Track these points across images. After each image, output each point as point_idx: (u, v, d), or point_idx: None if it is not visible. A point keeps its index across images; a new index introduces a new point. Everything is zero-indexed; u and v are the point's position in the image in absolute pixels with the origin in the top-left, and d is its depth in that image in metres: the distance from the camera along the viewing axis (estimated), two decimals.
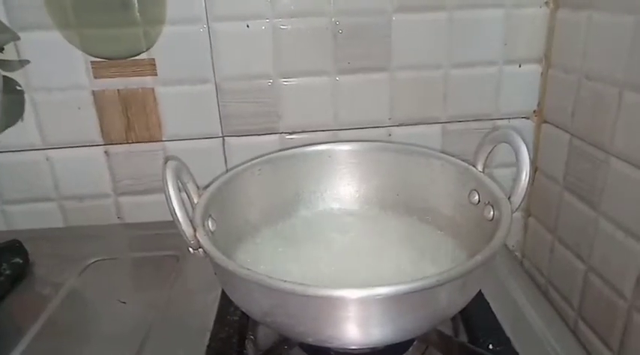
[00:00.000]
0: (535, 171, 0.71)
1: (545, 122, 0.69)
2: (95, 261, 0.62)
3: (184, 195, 0.44)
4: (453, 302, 0.37)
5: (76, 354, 0.48)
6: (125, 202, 0.72)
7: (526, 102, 0.70)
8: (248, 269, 0.35)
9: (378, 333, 0.36)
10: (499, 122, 0.70)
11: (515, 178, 0.43)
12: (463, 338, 0.46)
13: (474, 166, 0.48)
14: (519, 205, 0.43)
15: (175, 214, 0.39)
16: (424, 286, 0.33)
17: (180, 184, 0.44)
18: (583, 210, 0.60)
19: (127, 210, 0.72)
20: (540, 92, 0.69)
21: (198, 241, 0.40)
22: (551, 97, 0.68)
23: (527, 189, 0.42)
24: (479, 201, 0.47)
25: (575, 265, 0.62)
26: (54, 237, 0.69)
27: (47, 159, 0.69)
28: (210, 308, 0.51)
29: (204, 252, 0.39)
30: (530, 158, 0.43)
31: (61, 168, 0.70)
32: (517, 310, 0.51)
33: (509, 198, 0.43)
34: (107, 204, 0.72)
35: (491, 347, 0.43)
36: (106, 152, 0.69)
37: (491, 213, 0.44)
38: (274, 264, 0.46)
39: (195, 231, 0.40)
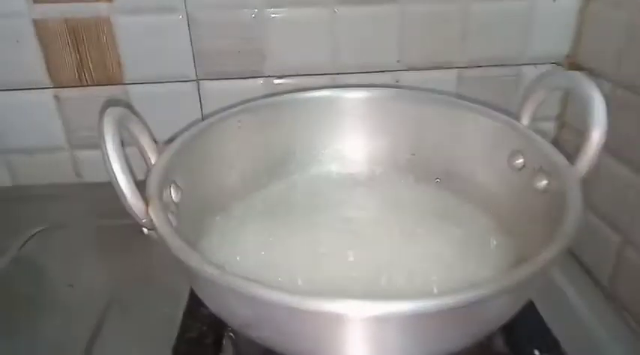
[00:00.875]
0: (562, 128, 0.59)
1: (580, 68, 0.56)
2: (43, 230, 0.49)
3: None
4: (498, 316, 0.25)
5: (15, 337, 0.37)
6: (84, 157, 0.58)
7: (558, 44, 0.56)
8: (219, 268, 0.23)
9: None
10: (524, 68, 0.57)
11: (585, 137, 0.30)
12: (499, 341, 0.35)
13: (516, 120, 0.36)
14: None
15: (118, 183, 0.27)
16: (466, 301, 0.21)
17: (131, 137, 0.31)
18: (624, 174, 0.49)
19: (86, 166, 0.59)
20: (576, 33, 0.56)
21: (151, 220, 0.27)
22: (589, 39, 0.55)
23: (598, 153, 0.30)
24: (524, 165, 0.34)
25: (610, 237, 0.52)
26: None
27: None
28: (180, 294, 0.39)
29: (159, 236, 0.27)
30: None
31: (3, 114, 0.55)
32: (565, 303, 0.41)
33: (572, 165, 0.31)
34: (62, 159, 0.58)
35: (537, 353, 0.32)
36: (55, 96, 0.55)
37: (545, 182, 0.32)
38: (258, 249, 0.33)
39: (147, 204, 0.28)
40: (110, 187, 0.53)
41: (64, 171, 0.59)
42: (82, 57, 0.53)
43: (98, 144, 0.56)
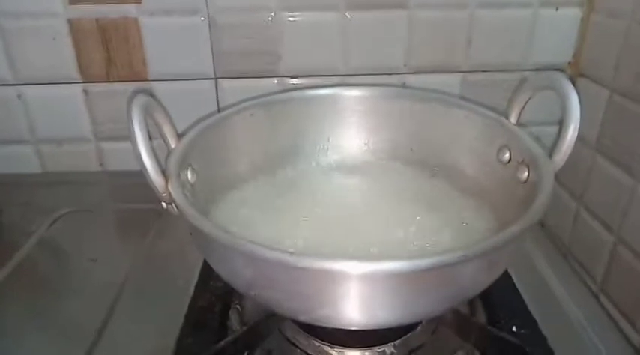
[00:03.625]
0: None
1: (582, 75, 0.59)
2: (68, 212, 0.54)
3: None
4: (477, 281, 0.29)
5: (41, 310, 0.41)
6: (108, 148, 0.64)
7: (560, 52, 0.60)
8: (226, 232, 0.28)
9: (384, 315, 0.29)
10: (527, 74, 0.61)
11: (560, 132, 0.34)
12: (480, 316, 0.39)
13: (505, 118, 0.40)
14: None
15: (142, 160, 0.31)
16: (446, 262, 0.26)
17: (155, 125, 0.36)
18: (618, 177, 0.52)
19: (109, 156, 0.64)
20: (578, 41, 0.59)
21: (170, 194, 0.32)
22: (590, 47, 0.58)
23: (572, 147, 0.34)
24: (510, 159, 0.38)
25: (602, 236, 0.55)
26: (28, 183, 0.61)
27: (19, 96, 0.60)
28: (191, 270, 0.44)
29: (177, 208, 0.31)
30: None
31: (35, 107, 0.61)
32: (543, 284, 0.44)
33: (550, 157, 0.34)
34: (88, 150, 0.64)
35: (514, 329, 0.36)
36: (84, 90, 0.61)
37: (526, 174, 0.36)
38: (264, 225, 0.38)
39: (167, 181, 0.32)
40: (130, 175, 0.59)
41: (89, 161, 0.64)
42: (110, 54, 0.59)
43: (122, 137, 0.62)
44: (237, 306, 0.40)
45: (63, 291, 0.44)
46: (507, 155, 0.39)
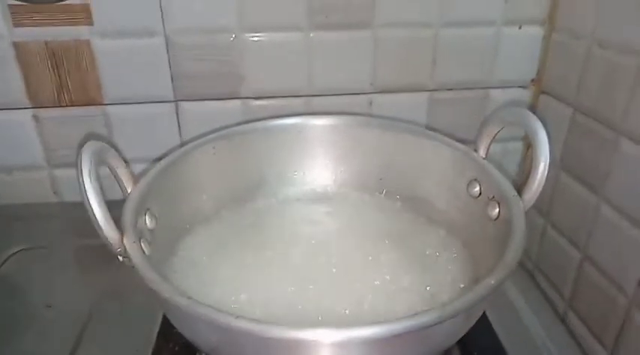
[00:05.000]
0: (528, 149, 0.63)
1: (544, 93, 0.60)
2: (21, 250, 0.50)
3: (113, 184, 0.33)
4: (454, 334, 0.28)
5: None
6: (62, 176, 0.60)
7: (524, 69, 0.60)
8: (189, 298, 0.25)
9: None
10: (492, 91, 0.61)
11: (531, 171, 0.33)
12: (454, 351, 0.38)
13: (475, 150, 0.39)
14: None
15: (94, 215, 0.29)
16: (423, 324, 0.24)
17: (109, 169, 0.33)
18: (582, 194, 0.53)
19: (64, 185, 0.60)
20: (541, 59, 0.59)
21: (126, 250, 0.29)
22: (553, 65, 0.58)
23: (543, 185, 0.33)
24: (480, 193, 0.37)
25: (569, 253, 0.55)
26: None
27: None
28: (155, 314, 0.41)
29: (133, 266, 0.29)
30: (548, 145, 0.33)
31: None
32: (512, 310, 0.44)
33: (519, 195, 0.34)
34: (41, 178, 0.60)
35: None
36: (34, 116, 0.57)
37: (497, 210, 0.35)
38: (229, 270, 0.35)
39: (122, 235, 0.30)
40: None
41: (43, 190, 0.60)
42: (61, 78, 0.55)
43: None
44: None
45: (16, 340, 0.40)
46: (477, 189, 0.38)
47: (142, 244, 0.31)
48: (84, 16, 0.52)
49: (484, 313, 0.41)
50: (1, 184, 0.59)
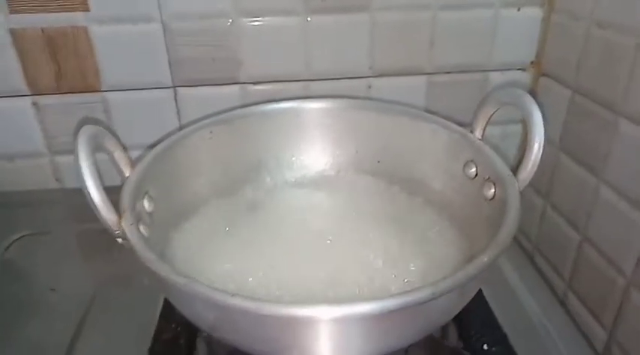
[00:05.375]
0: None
1: (544, 75, 0.59)
2: (25, 235, 0.51)
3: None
4: (449, 311, 0.29)
5: None
6: (63, 162, 0.60)
7: (523, 52, 0.60)
8: (186, 277, 0.26)
9: (354, 353, 0.28)
10: (491, 74, 0.61)
11: (525, 151, 0.33)
12: (452, 333, 0.38)
13: (471, 132, 0.39)
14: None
15: (91, 197, 0.29)
16: (417, 300, 0.25)
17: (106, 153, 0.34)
18: (582, 176, 0.53)
19: (66, 171, 0.61)
20: (540, 41, 0.59)
21: (125, 232, 0.30)
22: (552, 47, 0.58)
23: (538, 164, 0.33)
24: (476, 174, 0.38)
25: (569, 234, 0.55)
26: None
27: None
28: (156, 297, 0.42)
29: (131, 247, 0.29)
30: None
31: None
32: (510, 292, 0.44)
33: (515, 175, 0.34)
34: (42, 164, 0.60)
35: (486, 347, 0.36)
36: (34, 103, 0.57)
37: (492, 190, 0.35)
38: (227, 252, 0.36)
39: (120, 217, 0.30)
40: None
41: (44, 177, 0.61)
42: (59, 65, 0.55)
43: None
44: (205, 335, 0.38)
45: (22, 322, 0.41)
46: (474, 170, 0.38)
47: (141, 227, 0.31)
48: (80, 2, 0.52)
49: (482, 294, 0.42)
50: (3, 171, 0.60)
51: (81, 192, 0.59)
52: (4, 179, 0.60)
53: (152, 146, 0.56)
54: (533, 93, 0.60)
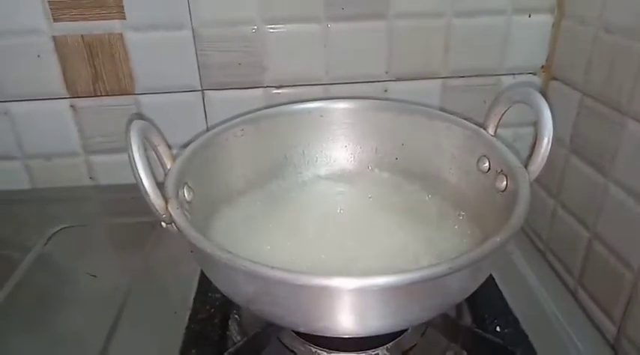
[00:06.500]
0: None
1: (554, 79, 0.62)
2: (64, 228, 0.55)
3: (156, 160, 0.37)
4: (464, 289, 0.32)
5: (44, 326, 0.43)
6: (97, 161, 0.65)
7: (534, 56, 0.63)
8: (228, 252, 0.29)
9: (377, 324, 0.31)
10: (503, 78, 0.64)
11: (535, 145, 0.36)
12: (466, 316, 0.41)
13: (484, 129, 0.42)
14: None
15: (142, 184, 0.33)
16: (434, 275, 0.28)
17: (150, 147, 0.37)
18: (591, 175, 0.55)
19: (100, 170, 0.65)
20: (550, 46, 0.62)
21: (171, 215, 0.33)
22: (562, 52, 0.61)
23: (547, 158, 0.36)
24: (489, 168, 0.41)
25: (579, 232, 0.58)
26: (18, 199, 0.62)
27: (6, 113, 0.61)
28: (190, 282, 0.45)
29: (178, 228, 0.33)
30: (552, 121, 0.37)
31: (23, 123, 0.62)
32: (523, 282, 0.47)
33: (525, 167, 0.37)
34: (77, 163, 0.64)
35: (498, 329, 0.39)
36: (72, 106, 0.61)
37: (504, 183, 0.38)
38: (260, 238, 0.39)
39: (167, 203, 0.34)
40: (120, 189, 0.61)
41: (79, 175, 0.65)
42: (96, 70, 0.59)
43: (110, 150, 0.63)
44: (236, 316, 0.42)
45: (65, 307, 0.45)
46: (487, 164, 0.41)
47: (184, 212, 0.35)
48: (117, 10, 0.56)
49: (496, 284, 0.45)
50: (41, 169, 0.64)
51: (113, 189, 0.64)
52: (42, 177, 0.64)
53: (181, 146, 0.61)
54: (543, 95, 0.63)
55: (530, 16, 0.60)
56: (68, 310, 0.45)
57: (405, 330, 0.39)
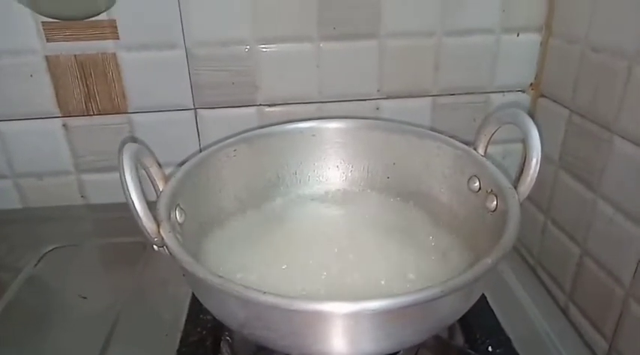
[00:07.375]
0: None
1: (543, 96, 0.63)
2: (55, 248, 0.55)
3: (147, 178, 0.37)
4: (456, 311, 0.32)
5: (34, 347, 0.42)
6: (89, 180, 0.64)
7: (523, 74, 0.64)
8: (220, 277, 0.29)
9: (370, 347, 0.31)
10: (493, 96, 0.65)
11: (524, 166, 0.37)
12: (458, 336, 0.41)
13: (474, 149, 0.43)
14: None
15: (135, 208, 0.33)
16: (426, 298, 0.28)
17: (143, 168, 0.37)
18: (580, 191, 0.56)
19: (91, 188, 0.65)
20: (539, 64, 0.63)
21: (163, 239, 0.33)
22: (550, 70, 0.62)
23: (536, 178, 0.37)
24: (479, 188, 0.41)
25: (569, 248, 0.58)
26: (9, 219, 0.61)
27: None
28: (181, 303, 0.45)
29: (170, 252, 0.33)
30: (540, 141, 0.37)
31: (14, 142, 0.61)
32: (514, 299, 0.47)
33: (515, 188, 0.37)
34: (69, 182, 0.64)
35: (490, 349, 0.39)
36: (64, 125, 0.61)
37: (494, 203, 0.39)
38: (251, 261, 0.39)
39: (158, 226, 0.34)
40: (111, 209, 0.60)
41: (71, 193, 0.65)
42: (89, 89, 0.59)
43: (102, 168, 0.63)
44: (228, 338, 0.41)
45: (55, 329, 0.44)
46: (477, 184, 0.42)
47: (176, 235, 0.35)
48: (110, 30, 0.57)
49: (487, 303, 0.45)
50: (33, 189, 0.64)
51: (105, 208, 0.64)
52: (33, 196, 0.64)
53: (176, 165, 0.61)
54: (531, 113, 0.64)
55: (518, 35, 0.62)
56: (58, 332, 0.44)
57: (397, 353, 0.39)
